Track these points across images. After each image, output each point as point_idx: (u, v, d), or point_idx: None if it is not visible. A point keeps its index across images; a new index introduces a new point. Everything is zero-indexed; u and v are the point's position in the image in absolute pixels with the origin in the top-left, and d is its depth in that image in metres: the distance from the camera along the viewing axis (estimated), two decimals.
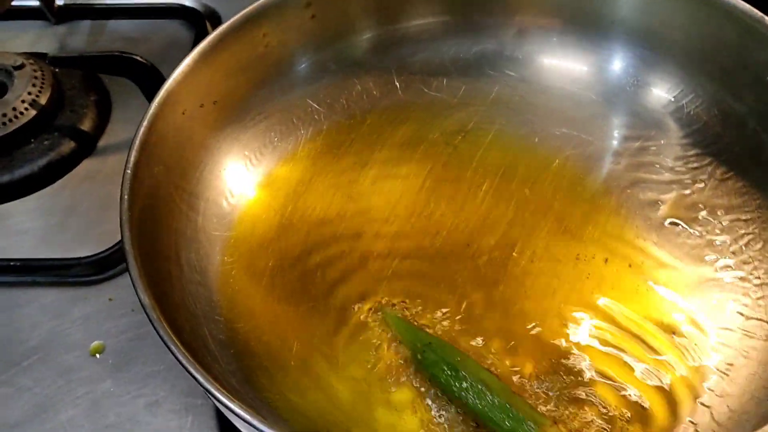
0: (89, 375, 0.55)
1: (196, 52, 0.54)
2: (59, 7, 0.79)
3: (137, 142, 0.47)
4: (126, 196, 0.45)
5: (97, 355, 0.56)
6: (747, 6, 0.52)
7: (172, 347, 0.39)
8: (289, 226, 0.55)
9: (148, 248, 0.46)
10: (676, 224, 0.54)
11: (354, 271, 0.52)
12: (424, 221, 0.55)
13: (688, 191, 0.55)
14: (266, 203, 0.56)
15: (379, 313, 0.50)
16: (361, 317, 0.50)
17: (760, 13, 0.52)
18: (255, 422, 0.36)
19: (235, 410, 0.37)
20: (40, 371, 0.55)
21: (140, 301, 0.41)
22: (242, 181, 0.57)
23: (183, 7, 0.79)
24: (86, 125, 0.69)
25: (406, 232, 0.54)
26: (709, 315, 0.49)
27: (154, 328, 0.40)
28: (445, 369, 0.46)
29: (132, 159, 0.47)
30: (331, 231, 0.55)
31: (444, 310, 0.50)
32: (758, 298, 0.50)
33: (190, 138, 0.54)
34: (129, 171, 0.46)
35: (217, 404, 0.41)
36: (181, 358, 0.38)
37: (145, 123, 0.49)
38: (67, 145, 0.67)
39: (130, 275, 0.42)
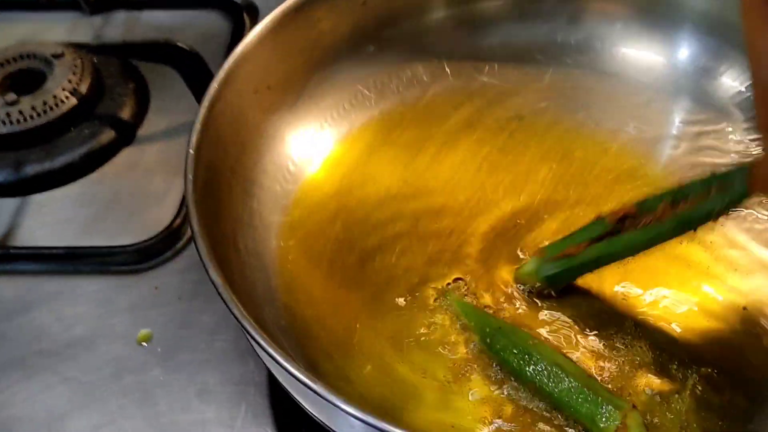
0: (137, 364, 0.53)
1: (253, 35, 0.53)
2: None
3: (198, 122, 0.46)
4: (190, 176, 0.44)
5: (145, 344, 0.54)
6: None
7: (245, 323, 0.37)
8: (345, 209, 0.54)
9: (209, 232, 0.45)
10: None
11: (414, 253, 0.51)
12: (483, 204, 0.54)
13: None
14: (321, 188, 0.55)
15: (444, 297, 0.49)
16: (426, 302, 0.49)
17: None
18: (323, 391, 0.35)
19: (300, 377, 0.35)
20: (87, 360, 0.53)
21: (211, 280, 0.39)
22: (296, 166, 0.56)
23: None
24: (126, 114, 0.68)
25: (464, 215, 0.53)
26: None
27: (227, 306, 0.39)
28: (517, 353, 0.45)
29: (194, 139, 0.46)
30: (388, 213, 0.54)
31: (508, 290, 0.49)
32: None
33: (245, 122, 0.53)
34: (192, 151, 0.45)
35: (280, 375, 0.40)
36: (254, 334, 0.37)
37: (205, 104, 0.48)
38: (107, 134, 0.66)
39: (199, 255, 0.41)
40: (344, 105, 0.59)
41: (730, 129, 0.57)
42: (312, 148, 0.57)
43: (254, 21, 0.76)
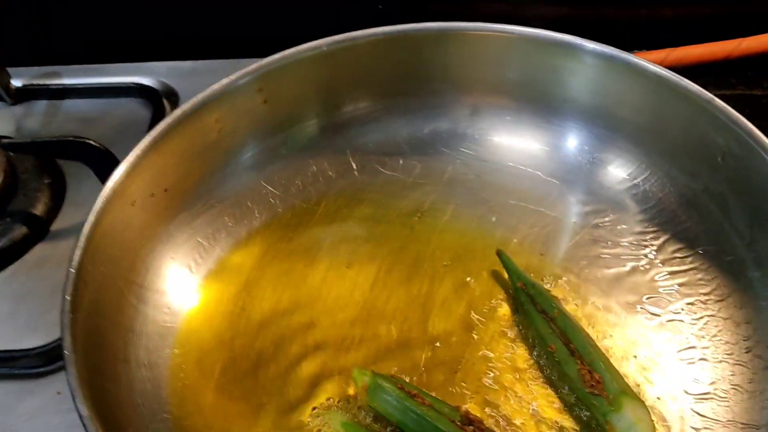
0: None
1: (146, 141, 0.53)
2: (16, 88, 0.78)
3: (82, 240, 0.46)
4: (68, 298, 0.44)
5: None
6: (696, 87, 0.53)
7: None
8: (241, 317, 0.54)
9: (94, 349, 0.45)
10: (634, 305, 0.53)
11: (308, 365, 0.51)
12: (380, 308, 0.54)
13: (645, 270, 0.55)
14: (218, 293, 0.55)
15: (326, 415, 0.49)
16: (309, 418, 0.49)
17: (709, 94, 0.53)
18: None
19: None
20: None
21: (78, 412, 0.39)
22: (193, 270, 0.56)
23: (140, 86, 0.78)
24: (39, 209, 0.68)
25: (361, 320, 0.53)
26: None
27: None
28: None
29: (76, 258, 0.46)
30: (284, 322, 0.53)
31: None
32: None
33: (141, 229, 0.53)
34: (72, 270, 0.45)
35: None
36: None
37: (90, 219, 0.48)
38: (19, 231, 0.66)
39: (69, 384, 0.40)
40: (247, 203, 0.59)
41: (626, 221, 0.58)
42: (212, 251, 0.57)
43: (174, 107, 0.76)
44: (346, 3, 0.83)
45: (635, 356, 0.51)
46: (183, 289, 0.55)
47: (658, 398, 0.49)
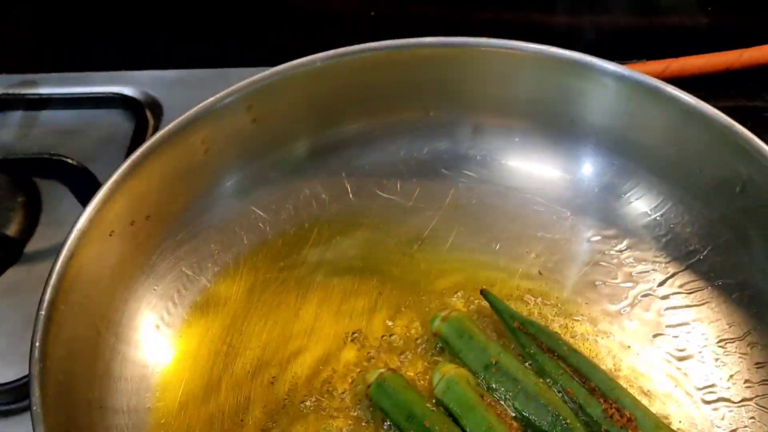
0: None
1: (126, 165, 0.49)
2: None
3: (53, 278, 0.43)
4: (38, 344, 0.40)
5: None
6: (722, 114, 0.50)
7: None
8: (229, 355, 0.50)
9: (67, 397, 0.41)
10: (647, 339, 0.50)
11: (300, 404, 0.48)
12: (378, 346, 0.50)
13: (659, 301, 0.52)
14: (204, 329, 0.52)
15: None
16: None
17: (733, 121, 0.50)
18: None
19: None
20: None
21: None
22: (178, 303, 0.52)
23: (122, 96, 0.74)
24: (12, 230, 0.64)
25: (353, 359, 0.50)
26: None
27: None
28: None
29: (47, 299, 0.42)
30: (277, 358, 0.50)
31: None
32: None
33: (120, 261, 0.49)
34: (42, 313, 0.41)
35: None
36: None
37: (62, 256, 0.44)
38: None
39: None
40: (235, 229, 0.56)
41: (638, 251, 0.54)
42: (197, 281, 0.53)
43: (158, 120, 0.73)
44: (337, 9, 0.80)
45: (649, 391, 0.48)
46: (165, 325, 0.51)
47: None
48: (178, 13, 0.82)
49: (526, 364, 0.48)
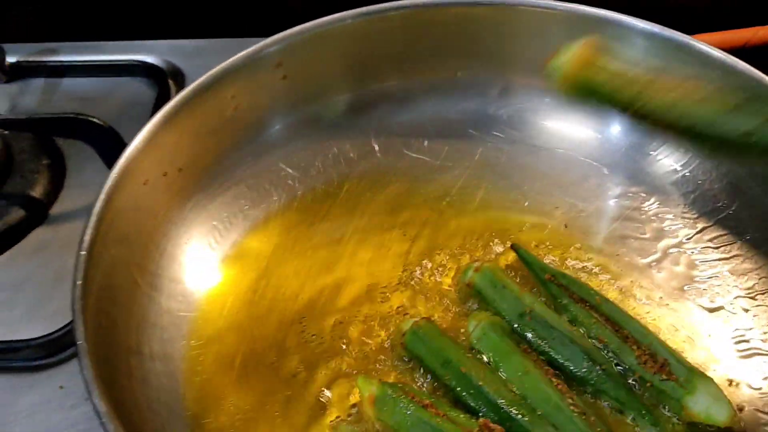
0: None
1: (159, 117, 0.49)
2: (11, 64, 0.74)
3: (93, 219, 0.43)
4: (79, 282, 0.40)
5: None
6: (746, 66, 0.50)
7: None
8: (260, 305, 0.50)
9: (106, 339, 0.41)
10: (678, 292, 0.50)
11: (333, 353, 0.48)
12: (406, 294, 0.51)
13: (690, 255, 0.52)
14: (236, 279, 0.52)
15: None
16: (340, 412, 0.45)
17: (759, 73, 0.50)
18: None
19: None
20: None
21: (95, 408, 0.35)
22: (210, 256, 0.52)
23: (144, 64, 0.74)
24: (37, 192, 0.64)
25: (384, 310, 0.50)
26: None
27: None
28: None
29: (87, 238, 0.42)
30: (306, 309, 0.50)
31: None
32: None
33: (153, 210, 0.49)
34: (83, 252, 0.41)
35: None
36: None
37: (101, 197, 0.44)
38: (16, 214, 0.62)
39: (83, 377, 0.37)
40: (265, 185, 0.56)
41: (666, 207, 0.54)
42: (228, 236, 0.53)
43: (180, 87, 0.72)
44: None
45: (682, 341, 0.48)
46: (199, 276, 0.51)
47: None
48: None
49: (559, 313, 0.49)
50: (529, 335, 0.47)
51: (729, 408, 0.43)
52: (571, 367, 0.46)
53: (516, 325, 0.48)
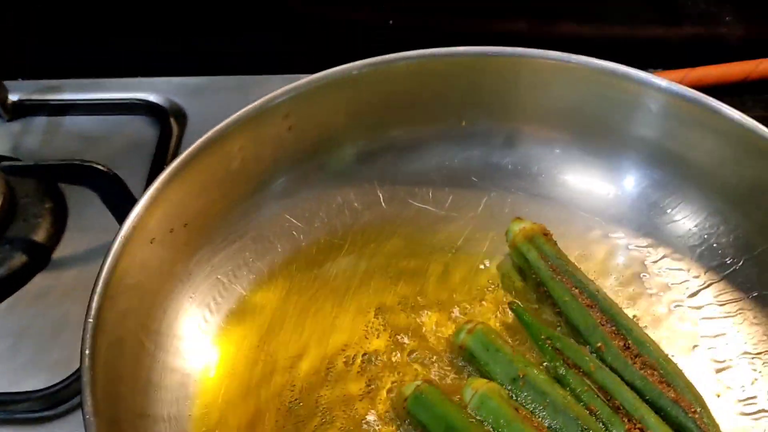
0: None
1: (166, 173, 0.49)
2: (13, 103, 0.74)
3: (100, 285, 0.43)
4: (87, 351, 0.40)
5: None
6: (756, 124, 0.50)
7: None
8: (267, 364, 0.50)
9: (112, 405, 0.41)
10: (683, 350, 0.50)
11: (341, 413, 0.48)
12: (419, 354, 0.50)
13: (695, 312, 0.52)
14: (241, 336, 0.52)
15: None
16: None
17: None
18: None
19: None
20: None
21: None
22: (215, 311, 0.52)
23: (147, 103, 0.74)
24: (40, 236, 0.63)
25: (399, 364, 0.50)
26: None
27: None
28: None
29: (94, 306, 0.42)
30: (313, 366, 0.50)
31: None
32: None
33: (158, 268, 0.49)
34: (91, 320, 0.41)
35: None
36: None
37: (108, 261, 0.44)
38: (19, 259, 0.62)
39: None
40: (269, 237, 0.56)
41: (673, 261, 0.55)
42: (233, 289, 0.53)
43: (183, 127, 0.73)
44: (355, 20, 0.80)
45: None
46: (203, 333, 0.51)
47: None
48: (196, 18, 0.82)
49: (552, 377, 0.48)
50: (523, 400, 0.47)
51: None
52: None
53: (509, 389, 0.47)
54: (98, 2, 0.80)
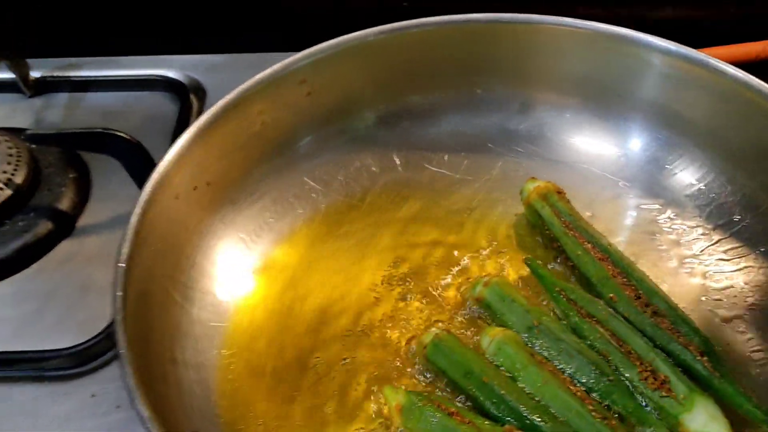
0: None
1: (189, 133, 0.51)
2: (35, 79, 0.76)
3: (130, 232, 0.44)
4: (119, 294, 0.41)
5: None
6: (761, 83, 0.51)
7: None
8: (290, 315, 0.52)
9: (142, 349, 0.43)
10: (693, 302, 0.52)
11: (359, 363, 0.49)
12: (426, 306, 0.52)
13: (704, 267, 0.54)
14: (264, 290, 0.53)
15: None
16: (366, 422, 0.46)
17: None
18: None
19: None
20: None
21: (138, 413, 0.37)
22: (238, 267, 0.54)
23: (166, 79, 0.76)
24: (64, 204, 0.65)
25: (413, 313, 0.51)
26: None
27: None
28: None
29: (125, 251, 0.43)
30: (334, 317, 0.51)
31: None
32: None
33: (184, 224, 0.51)
34: (122, 265, 0.42)
35: None
36: None
37: (137, 211, 0.45)
38: (44, 226, 0.63)
39: (125, 384, 0.38)
40: (289, 199, 0.57)
41: (681, 219, 0.56)
42: (255, 248, 0.55)
43: (202, 103, 0.74)
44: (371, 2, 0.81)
45: None
46: (228, 287, 0.53)
47: None
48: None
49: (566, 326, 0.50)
50: (538, 347, 0.48)
51: (726, 428, 0.44)
52: (580, 378, 0.47)
53: (525, 337, 0.49)
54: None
